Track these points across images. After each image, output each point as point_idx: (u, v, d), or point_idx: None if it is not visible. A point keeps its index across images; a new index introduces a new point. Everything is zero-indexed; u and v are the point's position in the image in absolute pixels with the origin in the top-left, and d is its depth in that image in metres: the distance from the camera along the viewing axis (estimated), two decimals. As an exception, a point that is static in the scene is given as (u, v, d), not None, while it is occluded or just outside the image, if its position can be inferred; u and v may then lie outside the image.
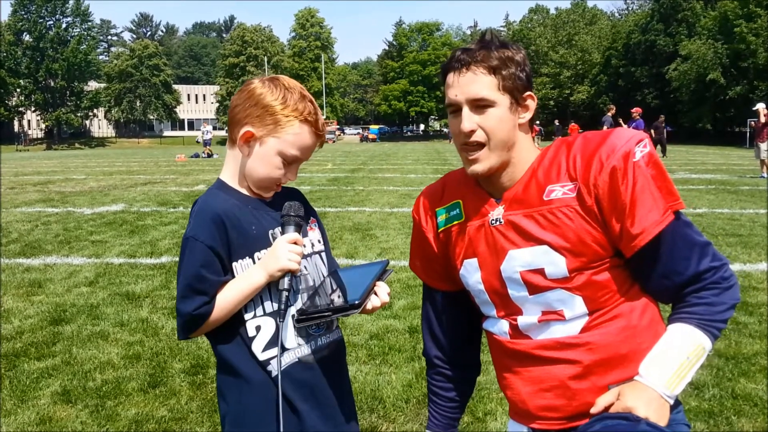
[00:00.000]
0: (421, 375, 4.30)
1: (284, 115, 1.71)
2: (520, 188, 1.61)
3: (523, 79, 1.59)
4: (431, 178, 19.79)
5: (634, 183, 1.48)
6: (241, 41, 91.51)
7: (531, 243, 1.57)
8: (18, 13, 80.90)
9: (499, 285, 1.65)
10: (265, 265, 1.68)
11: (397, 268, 7.29)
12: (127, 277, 7.14)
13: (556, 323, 1.60)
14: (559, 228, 1.54)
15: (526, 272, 1.59)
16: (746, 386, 4.04)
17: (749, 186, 16.38)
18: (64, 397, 4.07)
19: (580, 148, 1.56)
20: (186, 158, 36.51)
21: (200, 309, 1.64)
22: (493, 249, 1.64)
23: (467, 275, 1.72)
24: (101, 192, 16.83)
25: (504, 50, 1.58)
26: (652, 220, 1.48)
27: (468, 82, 1.56)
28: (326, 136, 1.99)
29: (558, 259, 1.54)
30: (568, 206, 1.54)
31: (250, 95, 1.74)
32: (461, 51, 1.61)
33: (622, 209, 1.49)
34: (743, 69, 55.03)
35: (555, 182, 1.57)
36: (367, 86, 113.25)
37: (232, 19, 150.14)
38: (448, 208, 1.76)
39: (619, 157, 1.49)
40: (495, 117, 1.57)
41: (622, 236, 1.51)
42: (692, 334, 1.52)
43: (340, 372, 1.86)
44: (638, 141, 1.51)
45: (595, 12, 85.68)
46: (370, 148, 53.06)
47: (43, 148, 75.62)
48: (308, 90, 1.82)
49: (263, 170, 1.75)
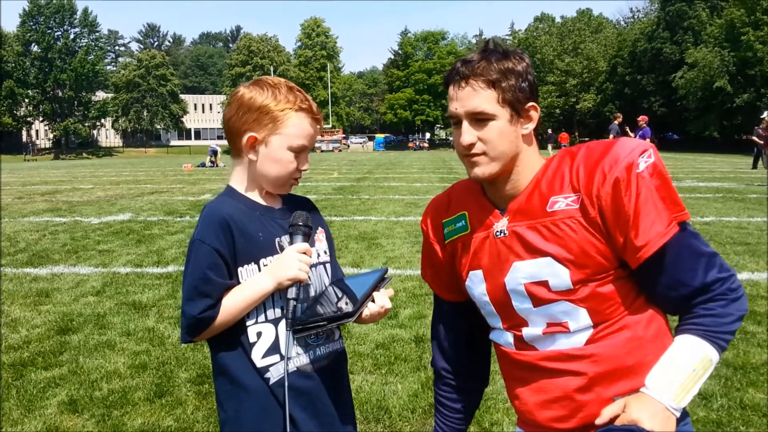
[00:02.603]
0: (427, 385, 4.28)
1: (279, 110, 1.73)
2: (524, 199, 1.61)
3: (524, 89, 1.58)
4: (437, 187, 19.79)
5: (638, 194, 1.46)
6: (247, 51, 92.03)
7: (535, 255, 1.57)
8: (26, 24, 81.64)
9: (504, 297, 1.65)
10: (274, 272, 1.69)
11: (402, 277, 7.28)
12: (134, 287, 7.15)
13: (561, 335, 1.60)
14: (562, 240, 1.54)
15: (530, 284, 1.59)
16: (755, 396, 4.01)
17: (757, 194, 16.30)
18: (71, 406, 4.07)
19: (583, 159, 1.56)
20: (193, 167, 36.59)
21: (205, 312, 1.64)
22: (498, 261, 1.64)
23: (472, 286, 1.72)
24: (108, 201, 16.89)
25: (505, 61, 1.58)
26: (656, 232, 1.47)
27: (467, 96, 1.57)
28: (331, 145, 2.00)
29: (561, 271, 1.54)
30: (571, 218, 1.54)
31: (240, 103, 1.76)
32: (461, 63, 1.61)
33: (625, 221, 1.48)
34: (750, 77, 54.95)
35: (558, 193, 1.57)
36: (373, 95, 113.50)
37: (238, 29, 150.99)
38: (454, 220, 1.76)
39: (622, 168, 1.48)
40: (495, 130, 1.57)
41: (626, 248, 1.50)
42: (699, 345, 1.51)
43: (340, 382, 1.86)
44: (642, 151, 1.50)
45: (600, 20, 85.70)
46: (375, 157, 53.09)
47: (51, 158, 76.08)
48: (314, 99, 1.84)
49: (277, 169, 1.76)
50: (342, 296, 1.73)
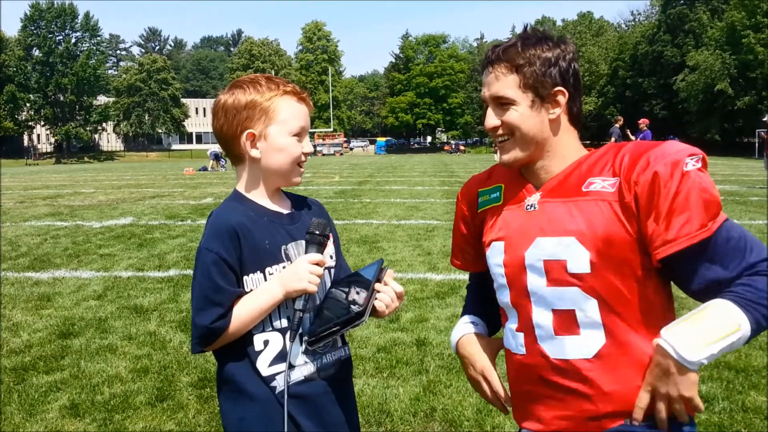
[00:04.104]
0: (428, 388, 4.28)
1: (266, 100, 1.73)
2: (561, 177, 1.63)
3: (552, 75, 1.59)
4: (438, 190, 19.80)
5: (678, 191, 1.45)
6: (248, 55, 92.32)
7: (560, 232, 1.57)
8: (28, 28, 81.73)
9: (520, 270, 1.64)
10: (284, 282, 1.67)
11: (404, 281, 7.27)
12: (135, 291, 7.16)
13: (570, 338, 1.57)
14: (589, 220, 1.53)
15: (549, 262, 1.58)
16: (756, 399, 4.00)
17: (758, 197, 16.28)
18: (73, 410, 4.07)
19: (630, 149, 1.57)
20: (194, 171, 36.67)
21: (217, 322, 1.63)
22: (522, 234, 1.64)
23: (491, 257, 1.73)
24: (110, 205, 16.90)
25: (535, 47, 1.60)
26: (687, 232, 1.44)
27: (492, 80, 1.63)
28: (332, 149, 2.01)
29: (581, 253, 1.53)
30: (604, 200, 1.53)
31: (226, 109, 1.75)
32: (491, 49, 1.67)
33: (659, 212, 1.46)
34: (751, 79, 54.97)
35: (597, 175, 1.58)
36: (374, 99, 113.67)
37: (239, 33, 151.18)
38: (490, 191, 1.79)
39: (669, 162, 1.47)
40: (516, 114, 1.60)
41: (653, 239, 1.48)
42: (730, 308, 1.42)
43: (346, 390, 1.85)
44: (691, 154, 1.49)
45: (601, 23, 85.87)
46: (377, 160, 53.08)
47: (52, 162, 76.17)
48: (315, 103, 1.84)
49: (283, 157, 1.75)
50: (349, 289, 1.71)
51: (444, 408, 3.98)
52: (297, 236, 1.77)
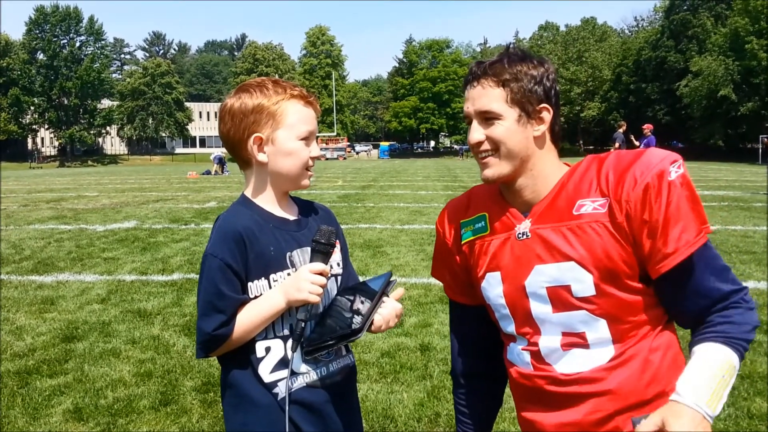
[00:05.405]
0: (432, 393, 4.27)
1: (273, 104, 1.71)
2: (549, 201, 1.60)
3: (537, 92, 1.58)
4: (442, 194, 19.79)
5: (668, 202, 1.45)
6: (252, 59, 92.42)
7: (558, 259, 1.55)
8: (32, 32, 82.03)
9: (522, 300, 1.62)
10: (286, 291, 1.65)
11: (408, 285, 7.27)
12: (139, 294, 7.16)
13: (579, 350, 1.56)
14: (587, 244, 1.52)
15: (552, 288, 1.56)
16: (762, 406, 3.99)
17: (762, 203, 16.25)
18: (76, 414, 4.07)
19: (612, 165, 1.55)
20: (197, 175, 36.69)
21: (220, 329, 1.62)
22: (519, 263, 1.61)
23: (489, 288, 1.69)
24: (113, 209, 16.93)
25: (520, 64, 1.59)
26: (686, 241, 1.45)
27: (477, 95, 1.60)
28: (336, 153, 1.99)
29: (585, 277, 1.52)
30: (597, 222, 1.52)
31: (233, 113, 1.74)
32: (476, 64, 1.64)
33: (654, 227, 1.46)
34: (755, 85, 54.90)
35: (585, 197, 1.55)
36: (378, 103, 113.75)
37: (243, 38, 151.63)
38: (473, 221, 1.74)
39: (654, 174, 1.46)
40: (502, 129, 1.58)
41: (651, 255, 1.48)
42: (723, 351, 1.47)
43: (350, 397, 1.84)
44: (672, 161, 1.49)
45: (605, 29, 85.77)
46: (380, 165, 53.15)
47: (56, 166, 76.38)
48: (319, 107, 1.83)
49: (291, 162, 1.74)
50: (355, 298, 1.70)
51: (448, 413, 3.97)
52: (303, 243, 1.76)
